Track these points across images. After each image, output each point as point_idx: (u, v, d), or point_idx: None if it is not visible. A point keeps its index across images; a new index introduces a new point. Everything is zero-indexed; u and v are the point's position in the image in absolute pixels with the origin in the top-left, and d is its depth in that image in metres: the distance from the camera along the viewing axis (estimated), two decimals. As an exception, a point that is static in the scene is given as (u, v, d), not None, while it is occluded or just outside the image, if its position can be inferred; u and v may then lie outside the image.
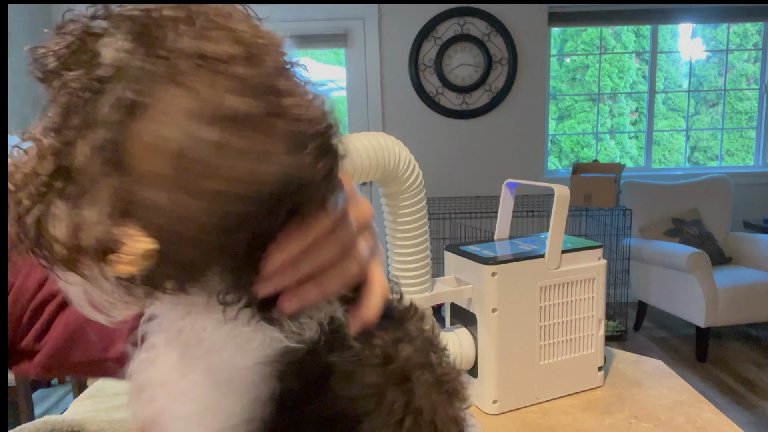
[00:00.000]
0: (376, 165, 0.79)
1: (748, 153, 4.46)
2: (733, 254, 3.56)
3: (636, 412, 0.87)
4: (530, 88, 3.94)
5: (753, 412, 2.60)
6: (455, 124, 3.96)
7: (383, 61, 3.88)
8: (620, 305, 3.52)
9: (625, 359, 1.05)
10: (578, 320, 0.92)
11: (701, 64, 4.48)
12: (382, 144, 0.79)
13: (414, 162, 0.84)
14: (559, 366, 0.91)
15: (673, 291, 3.27)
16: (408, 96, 3.92)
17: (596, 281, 0.92)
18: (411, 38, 3.85)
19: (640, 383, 0.96)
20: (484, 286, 0.85)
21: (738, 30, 4.39)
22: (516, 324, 0.87)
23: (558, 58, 4.46)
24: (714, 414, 0.85)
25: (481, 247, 0.93)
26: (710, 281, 3.04)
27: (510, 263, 0.86)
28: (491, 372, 0.87)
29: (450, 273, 0.95)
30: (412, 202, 0.85)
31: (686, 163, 4.51)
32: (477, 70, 3.87)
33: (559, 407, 0.89)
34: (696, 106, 4.60)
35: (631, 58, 4.83)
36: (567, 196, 0.89)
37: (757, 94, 4.25)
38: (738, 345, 3.38)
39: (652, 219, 3.58)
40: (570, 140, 4.78)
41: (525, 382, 0.89)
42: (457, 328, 0.92)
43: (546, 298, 0.89)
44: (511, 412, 0.88)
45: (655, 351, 3.31)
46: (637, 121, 4.74)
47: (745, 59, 4.46)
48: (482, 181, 3.98)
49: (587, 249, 0.92)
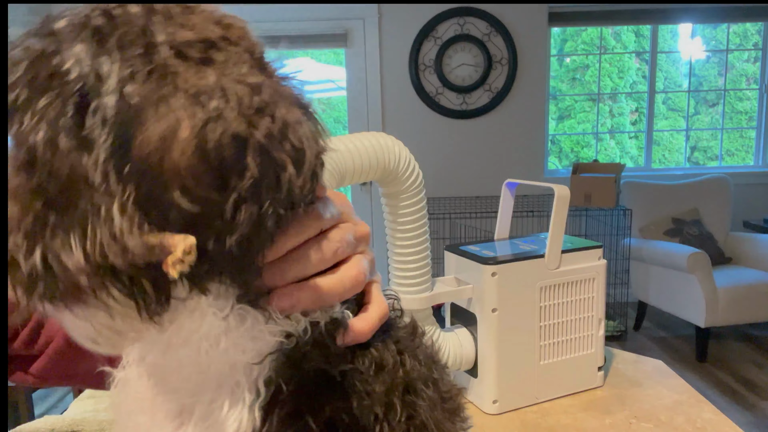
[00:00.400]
0: (376, 165, 0.79)
1: (748, 153, 4.46)
2: (733, 254, 3.56)
3: (636, 412, 0.87)
4: (530, 88, 3.94)
5: (753, 412, 2.60)
6: (455, 124, 3.96)
7: (383, 61, 3.88)
8: (620, 305, 3.52)
9: (625, 359, 1.05)
10: (578, 320, 0.92)
11: (701, 64, 4.48)
12: (382, 144, 0.79)
13: (414, 162, 0.84)
14: (559, 366, 0.91)
15: (673, 291, 3.27)
16: (408, 96, 3.92)
17: (596, 281, 0.92)
18: (411, 38, 3.85)
19: (640, 383, 0.96)
20: (484, 286, 0.85)
21: (738, 30, 4.39)
22: (516, 324, 0.87)
23: (558, 58, 4.46)
24: (714, 414, 0.85)
25: (481, 247, 0.93)
26: (710, 281, 3.04)
27: (510, 263, 0.86)
28: (491, 372, 0.87)
29: (450, 273, 0.95)
30: (412, 202, 0.85)
31: (686, 163, 4.51)
32: (477, 70, 3.87)
33: (559, 407, 0.89)
34: (696, 106, 4.60)
35: (631, 58, 4.83)
36: (567, 196, 0.89)
37: (757, 94, 4.25)
38: (738, 345, 3.38)
39: (652, 219, 3.58)
40: (570, 140, 4.78)
41: (525, 382, 0.89)
42: (457, 328, 0.92)
43: (546, 298, 0.89)
44: (511, 412, 0.88)
45: (655, 351, 3.31)
46: (637, 121, 4.74)
47: (745, 59, 4.46)
48: (482, 181, 3.98)
49: (587, 249, 0.92)
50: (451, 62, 3.87)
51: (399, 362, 0.35)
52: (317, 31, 3.81)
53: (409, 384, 0.35)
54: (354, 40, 3.87)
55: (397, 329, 0.38)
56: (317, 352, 0.32)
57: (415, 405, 0.34)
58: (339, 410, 0.32)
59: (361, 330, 0.34)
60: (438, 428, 0.35)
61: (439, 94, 3.91)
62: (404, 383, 0.35)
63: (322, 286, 0.33)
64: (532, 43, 3.88)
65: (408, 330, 0.39)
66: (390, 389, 0.34)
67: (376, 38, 3.85)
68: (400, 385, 0.34)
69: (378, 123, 3.91)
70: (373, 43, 3.86)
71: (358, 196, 4.07)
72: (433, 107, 3.92)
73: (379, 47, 3.86)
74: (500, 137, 3.98)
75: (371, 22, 3.83)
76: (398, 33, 3.85)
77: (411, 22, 3.83)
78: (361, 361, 0.34)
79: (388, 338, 0.36)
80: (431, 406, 0.35)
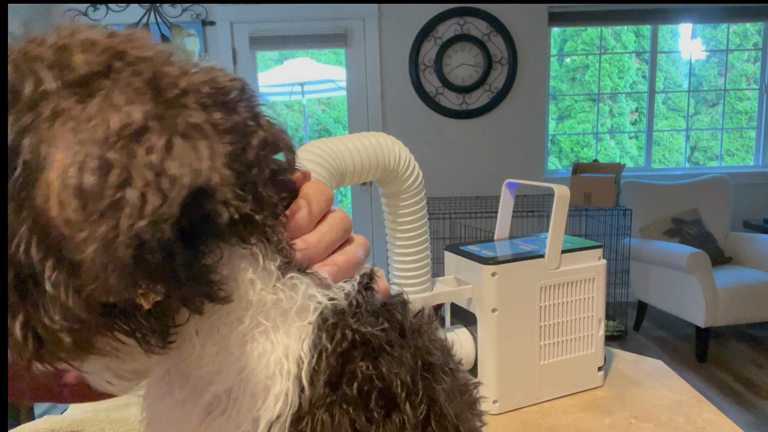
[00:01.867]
0: (376, 165, 0.79)
1: (748, 153, 4.46)
2: (733, 254, 3.56)
3: (636, 412, 0.87)
4: (530, 88, 3.94)
5: (753, 412, 2.60)
6: (455, 124, 3.96)
7: (383, 61, 3.88)
8: (620, 305, 3.52)
9: (625, 359, 1.05)
10: (578, 320, 0.92)
11: (701, 64, 4.48)
12: (382, 144, 0.79)
13: (414, 162, 0.84)
14: (559, 366, 0.91)
15: (673, 291, 3.27)
16: (408, 96, 3.92)
17: (596, 281, 0.92)
18: (411, 38, 3.85)
19: (640, 383, 0.96)
20: (484, 286, 0.85)
21: (738, 30, 4.39)
22: (516, 324, 0.87)
23: (558, 58, 4.46)
24: (714, 414, 0.85)
25: (481, 247, 0.93)
26: (710, 281, 3.04)
27: (510, 263, 0.86)
28: (491, 372, 0.87)
29: (450, 273, 0.95)
30: (412, 202, 0.85)
31: (686, 163, 4.52)
32: (477, 70, 3.87)
33: (559, 407, 0.89)
34: (696, 106, 4.60)
35: (631, 58, 4.83)
36: (567, 196, 0.89)
37: (757, 94, 4.25)
38: (738, 345, 3.39)
39: (652, 219, 3.58)
40: (570, 140, 4.78)
41: (525, 382, 0.89)
42: (457, 328, 0.92)
43: (546, 298, 0.89)
44: (511, 412, 0.88)
45: (655, 351, 3.31)
46: (637, 121, 4.74)
47: (745, 59, 4.46)
48: (482, 181, 3.98)
49: (587, 249, 0.92)
50: (451, 62, 3.87)
51: (419, 331, 0.36)
52: (317, 31, 3.82)
53: (430, 364, 0.35)
54: (354, 40, 3.87)
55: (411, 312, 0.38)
56: (352, 316, 0.33)
57: (432, 387, 0.34)
58: (371, 376, 0.32)
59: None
60: (458, 419, 0.35)
61: (439, 94, 3.91)
62: (429, 363, 0.34)
63: (353, 255, 0.37)
64: (532, 43, 3.89)
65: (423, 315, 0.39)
66: (419, 363, 0.34)
67: (376, 38, 3.85)
68: (424, 363, 0.34)
69: (378, 123, 3.92)
70: (373, 43, 3.86)
71: (358, 196, 4.07)
72: (433, 107, 3.92)
73: (379, 47, 3.86)
74: (500, 137, 3.98)
75: (371, 22, 3.83)
76: (398, 33, 3.85)
77: (411, 22, 3.83)
78: (390, 325, 0.34)
79: (407, 311, 0.36)
80: (449, 397, 0.35)
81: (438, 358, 0.35)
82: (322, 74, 4.18)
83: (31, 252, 0.24)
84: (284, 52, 4.17)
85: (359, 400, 0.31)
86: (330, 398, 0.31)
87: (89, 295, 0.25)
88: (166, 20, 3.70)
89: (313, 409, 0.30)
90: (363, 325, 0.32)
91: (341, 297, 0.33)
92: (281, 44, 3.89)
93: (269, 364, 0.31)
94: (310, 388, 0.30)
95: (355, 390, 0.31)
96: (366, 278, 0.35)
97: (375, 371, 0.32)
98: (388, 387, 0.32)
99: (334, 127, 5.57)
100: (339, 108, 5.45)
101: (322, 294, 0.33)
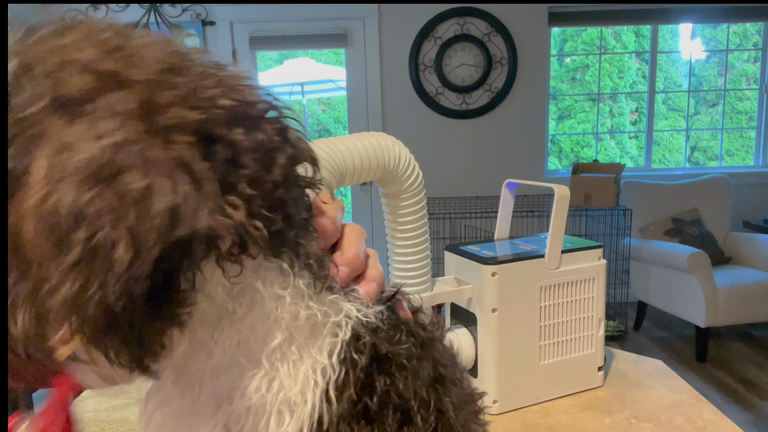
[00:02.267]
0: (376, 165, 0.79)
1: (748, 153, 4.46)
2: (733, 254, 3.56)
3: (636, 412, 0.87)
4: (530, 88, 3.94)
5: (753, 412, 2.60)
6: (455, 124, 3.96)
7: (383, 61, 3.88)
8: (620, 305, 3.52)
9: (625, 359, 1.05)
10: (578, 320, 0.92)
11: (701, 64, 4.48)
12: (382, 144, 0.79)
13: (414, 162, 0.84)
14: (559, 366, 0.91)
15: (673, 291, 3.27)
16: (408, 96, 3.92)
17: (596, 281, 0.92)
18: (411, 38, 3.85)
19: (640, 383, 0.96)
20: (484, 286, 0.85)
21: (738, 30, 4.39)
22: (516, 324, 0.87)
23: (558, 58, 4.46)
24: (714, 414, 0.85)
25: (481, 247, 0.93)
26: (710, 281, 3.04)
27: (510, 263, 0.86)
28: (491, 372, 0.87)
29: (450, 273, 0.95)
30: (412, 202, 0.85)
31: (686, 163, 4.52)
32: (477, 70, 3.88)
33: (559, 407, 0.89)
34: (696, 106, 4.60)
35: (631, 58, 4.83)
36: (567, 196, 0.89)
37: (757, 94, 4.25)
38: (738, 345, 3.39)
39: (652, 219, 3.58)
40: (570, 140, 4.78)
41: (525, 382, 0.89)
42: (457, 328, 0.92)
43: (546, 298, 0.89)
44: (511, 412, 0.88)
45: (655, 351, 3.31)
46: (637, 121, 4.74)
47: (745, 59, 4.46)
48: (482, 181, 3.98)
49: (587, 249, 0.92)
50: (451, 62, 3.87)
51: (432, 341, 0.36)
52: (317, 31, 3.82)
53: (441, 376, 0.35)
54: (354, 40, 3.87)
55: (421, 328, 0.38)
56: (383, 333, 0.33)
57: (441, 399, 0.34)
58: (389, 390, 0.32)
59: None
60: (464, 430, 0.35)
61: (439, 94, 3.91)
62: (440, 376, 0.35)
63: (379, 266, 0.37)
64: (532, 43, 3.89)
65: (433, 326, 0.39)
66: (435, 376, 0.34)
67: (376, 38, 3.85)
68: (436, 375, 0.34)
69: (378, 123, 3.92)
70: (373, 43, 3.86)
71: (358, 196, 4.07)
72: (433, 107, 3.92)
73: (379, 47, 3.86)
74: (500, 137, 3.98)
75: (371, 22, 3.83)
76: (398, 33, 3.85)
77: (411, 22, 3.83)
78: (409, 340, 0.34)
79: (424, 323, 0.37)
80: (457, 408, 0.35)
81: (448, 369, 0.36)
82: (322, 74, 4.18)
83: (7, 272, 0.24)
84: (284, 52, 4.17)
85: (379, 415, 0.31)
86: (353, 413, 0.31)
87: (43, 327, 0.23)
88: (166, 20, 3.70)
89: (336, 424, 0.30)
90: (392, 344, 0.33)
91: (372, 314, 0.33)
92: (281, 44, 3.89)
93: (298, 380, 0.30)
94: (336, 403, 0.30)
95: (376, 405, 0.31)
96: (392, 297, 0.36)
97: (393, 386, 0.32)
98: (406, 401, 0.32)
99: (334, 127, 5.56)
100: (339, 108, 5.45)
101: (356, 310, 0.32)
